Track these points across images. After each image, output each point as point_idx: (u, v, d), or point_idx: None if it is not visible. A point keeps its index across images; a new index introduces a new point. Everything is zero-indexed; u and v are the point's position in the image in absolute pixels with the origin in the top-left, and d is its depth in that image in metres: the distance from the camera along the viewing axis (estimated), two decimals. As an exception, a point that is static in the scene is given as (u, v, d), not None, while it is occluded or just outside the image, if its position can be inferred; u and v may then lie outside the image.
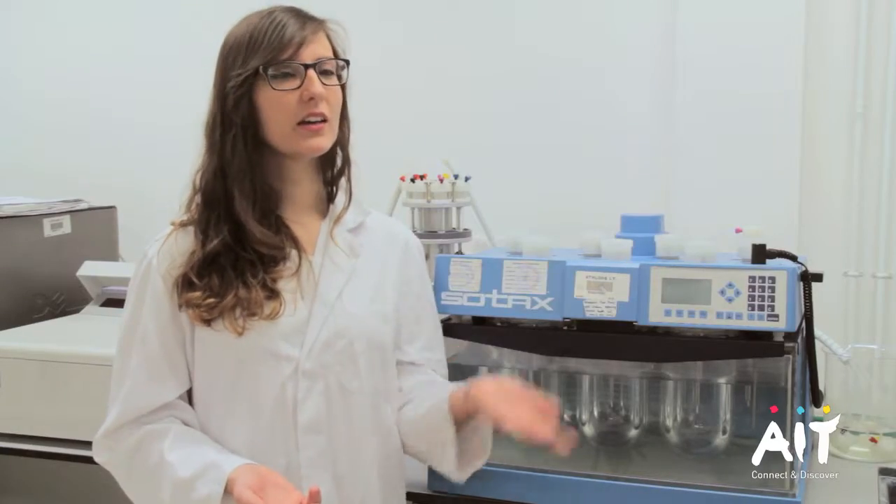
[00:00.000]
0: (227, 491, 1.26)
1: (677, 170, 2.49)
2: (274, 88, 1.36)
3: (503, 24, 2.71)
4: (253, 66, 1.35)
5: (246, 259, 1.37)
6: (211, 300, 1.34)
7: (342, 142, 1.48)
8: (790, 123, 2.40)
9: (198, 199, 1.41)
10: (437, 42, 2.76)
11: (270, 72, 1.35)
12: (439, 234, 2.19)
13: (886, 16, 2.35)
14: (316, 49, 1.38)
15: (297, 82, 1.36)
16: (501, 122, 2.70)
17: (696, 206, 2.41)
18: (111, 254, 2.71)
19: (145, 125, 3.03)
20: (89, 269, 2.40)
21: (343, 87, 1.44)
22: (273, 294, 1.36)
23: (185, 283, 1.36)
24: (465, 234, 2.23)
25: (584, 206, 2.51)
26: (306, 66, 1.36)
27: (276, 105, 1.37)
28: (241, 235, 1.38)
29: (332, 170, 1.49)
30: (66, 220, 2.56)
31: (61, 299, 2.50)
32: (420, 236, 2.17)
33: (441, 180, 2.18)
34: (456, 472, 1.46)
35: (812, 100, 2.41)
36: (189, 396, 1.43)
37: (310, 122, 1.37)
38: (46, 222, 2.50)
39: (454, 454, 1.43)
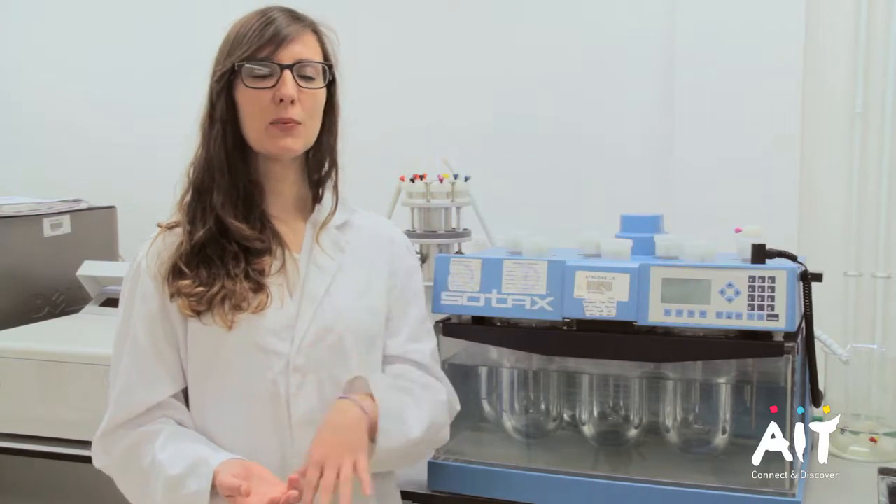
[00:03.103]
0: (216, 485, 1.27)
1: (677, 170, 2.49)
2: (247, 86, 1.36)
3: (504, 23, 2.71)
4: (230, 62, 1.37)
5: (230, 251, 1.38)
6: (200, 289, 1.35)
7: (329, 146, 1.48)
8: (790, 123, 2.40)
9: (188, 193, 1.42)
10: (438, 42, 2.76)
11: (245, 69, 1.36)
12: (439, 234, 2.19)
13: (886, 16, 2.35)
14: (298, 50, 1.38)
15: (271, 81, 1.36)
16: (501, 122, 2.70)
17: (696, 206, 2.41)
18: (111, 254, 2.71)
19: (145, 125, 3.04)
20: (89, 269, 2.41)
21: (329, 90, 1.44)
22: (259, 287, 1.37)
23: (174, 272, 1.37)
24: (465, 234, 2.23)
25: (584, 205, 2.51)
26: (282, 67, 1.36)
27: (250, 103, 1.37)
28: (225, 227, 1.39)
29: (318, 172, 1.50)
30: (66, 219, 2.56)
31: (61, 299, 2.50)
32: (420, 236, 2.17)
33: (441, 180, 2.18)
34: None
35: (812, 100, 2.41)
36: (185, 396, 1.43)
37: (281, 122, 1.37)
38: (46, 222, 2.50)
39: None
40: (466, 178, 2.22)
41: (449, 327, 1.66)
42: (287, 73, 1.36)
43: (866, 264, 2.41)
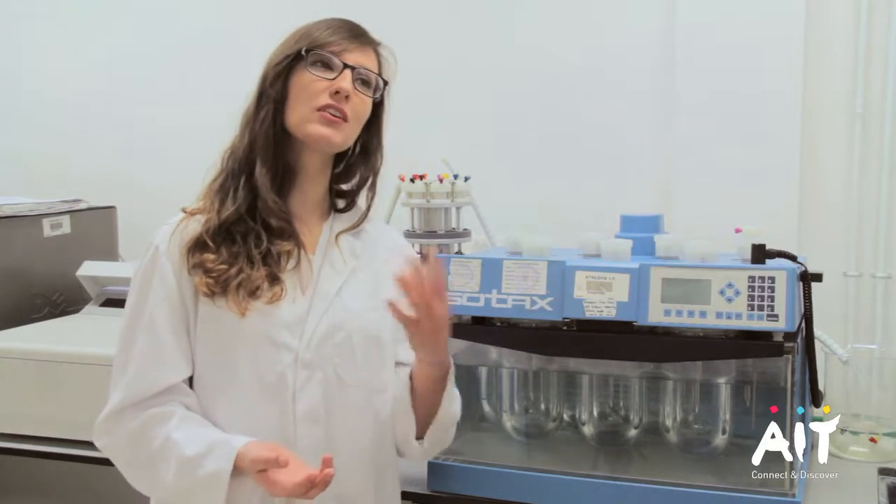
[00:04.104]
0: (237, 467, 1.28)
1: (677, 170, 2.49)
2: (309, 72, 1.41)
3: (503, 23, 2.71)
4: (297, 47, 1.42)
5: (253, 230, 1.40)
6: (222, 267, 1.37)
7: (373, 166, 1.53)
8: (790, 123, 2.39)
9: (220, 178, 1.45)
10: (437, 42, 2.75)
11: (311, 56, 1.41)
12: (439, 234, 2.19)
13: (886, 16, 2.35)
14: (361, 59, 1.45)
15: (332, 74, 1.41)
16: (501, 122, 2.70)
17: (696, 206, 2.41)
18: (111, 254, 2.71)
19: (145, 125, 3.03)
20: (89, 269, 2.41)
21: (376, 112, 1.50)
22: (275, 279, 1.39)
23: (198, 245, 1.39)
24: (465, 234, 2.24)
25: (584, 206, 2.51)
26: (345, 65, 1.42)
27: (304, 88, 1.41)
28: (254, 207, 1.42)
29: (345, 183, 1.54)
30: (66, 220, 2.56)
31: (61, 299, 2.50)
32: (420, 236, 2.18)
33: (441, 180, 2.18)
34: (417, 447, 1.47)
35: (812, 100, 2.40)
36: (189, 384, 1.43)
37: (328, 111, 1.41)
38: (46, 222, 2.50)
39: (413, 420, 1.46)
40: (466, 178, 2.22)
41: (449, 327, 1.66)
42: (348, 71, 1.42)
43: (866, 264, 2.40)
